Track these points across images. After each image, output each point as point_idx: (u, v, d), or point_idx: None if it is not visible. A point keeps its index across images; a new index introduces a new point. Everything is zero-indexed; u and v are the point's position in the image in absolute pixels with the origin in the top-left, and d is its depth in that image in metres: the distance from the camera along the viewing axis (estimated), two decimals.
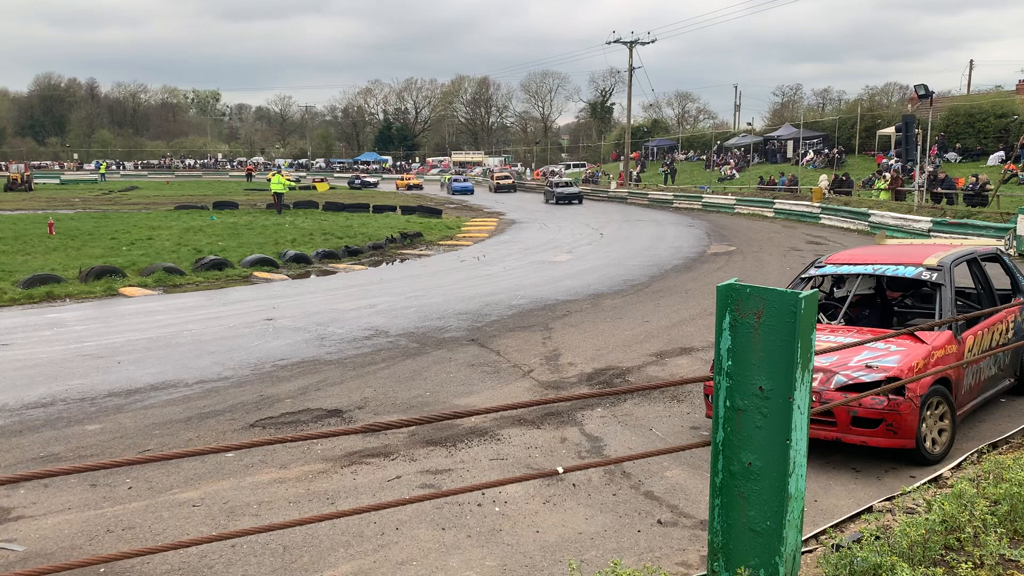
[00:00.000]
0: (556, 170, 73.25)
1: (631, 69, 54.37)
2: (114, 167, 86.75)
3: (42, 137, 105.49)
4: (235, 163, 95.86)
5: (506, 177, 64.54)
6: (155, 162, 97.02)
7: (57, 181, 67.65)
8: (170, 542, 2.51)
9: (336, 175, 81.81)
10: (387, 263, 20.93)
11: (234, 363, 10.03)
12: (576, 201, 46.96)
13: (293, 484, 6.20)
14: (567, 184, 50.29)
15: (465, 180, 61.15)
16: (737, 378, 2.99)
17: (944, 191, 28.66)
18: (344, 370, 9.66)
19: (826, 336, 7.09)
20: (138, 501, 5.92)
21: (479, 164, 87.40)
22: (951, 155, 36.66)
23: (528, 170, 79.90)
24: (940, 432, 6.52)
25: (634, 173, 57.95)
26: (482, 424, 7.56)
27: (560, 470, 2.79)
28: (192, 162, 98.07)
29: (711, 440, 3.10)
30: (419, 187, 64.31)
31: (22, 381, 9.22)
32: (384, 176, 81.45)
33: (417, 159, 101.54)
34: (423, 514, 5.57)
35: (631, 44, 53.47)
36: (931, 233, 22.58)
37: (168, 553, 5.00)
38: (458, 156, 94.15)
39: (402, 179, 67.52)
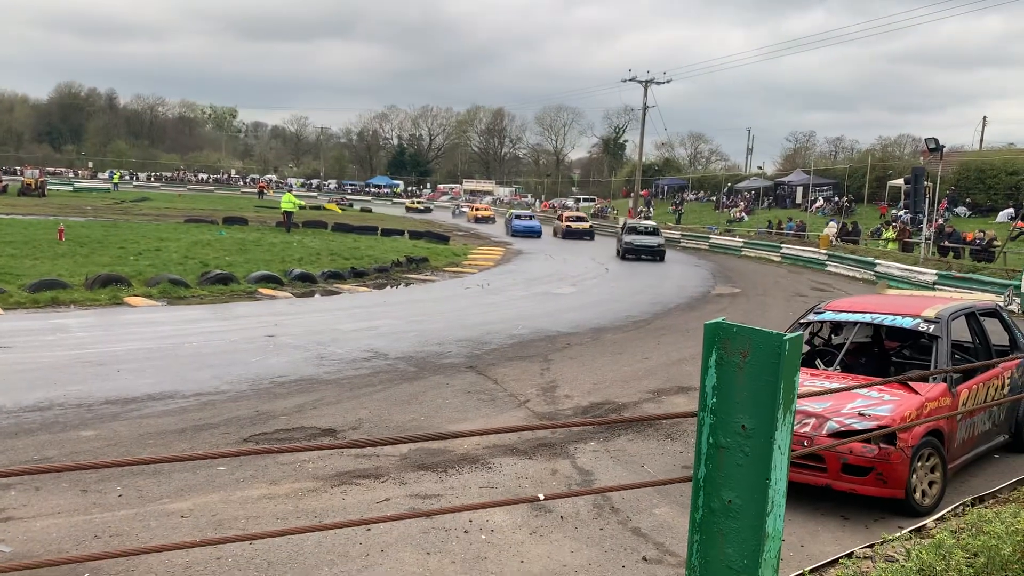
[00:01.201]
0: (568, 204, 73.57)
1: (645, 108, 54.91)
2: (128, 178, 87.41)
3: (59, 144, 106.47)
4: (247, 180, 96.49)
5: (580, 219, 47.98)
6: (168, 175, 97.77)
7: (70, 188, 68.16)
8: (154, 544, 2.54)
9: (356, 197, 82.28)
10: (391, 286, 21.03)
11: (232, 377, 10.08)
12: (659, 258, 33.32)
13: (282, 501, 6.22)
14: (648, 231, 34.94)
15: (531, 218, 47.28)
16: (721, 415, 3.03)
17: (951, 245, 28.75)
18: (341, 390, 9.70)
19: (821, 382, 7.12)
20: (127, 509, 5.94)
21: (489, 193, 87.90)
22: (961, 210, 36.79)
23: (537, 202, 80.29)
24: (931, 484, 6.53)
25: (643, 211, 58.17)
26: (474, 451, 7.58)
27: (541, 496, 2.83)
28: (205, 177, 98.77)
29: (693, 476, 3.14)
30: (491, 219, 56.56)
31: (21, 384, 9.28)
32: (395, 201, 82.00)
33: (428, 185, 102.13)
34: (408, 537, 5.59)
35: (646, 83, 54.06)
36: (936, 286, 22.61)
37: (153, 561, 5.02)
38: (469, 184, 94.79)
39: (472, 209, 61.55)
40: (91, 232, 28.57)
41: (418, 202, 75.78)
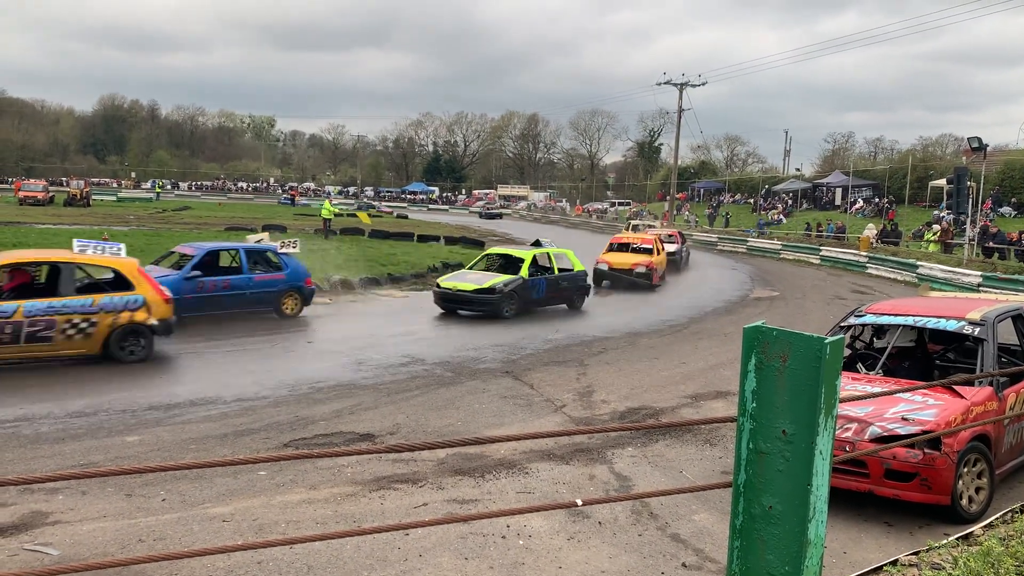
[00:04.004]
0: (603, 207, 73.36)
1: (680, 110, 54.48)
2: (169, 187, 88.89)
3: (102, 155, 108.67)
4: (286, 188, 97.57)
5: None
6: (208, 183, 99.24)
7: (114, 198, 69.46)
8: (197, 548, 2.58)
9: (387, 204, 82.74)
10: (428, 292, 21.10)
11: (272, 383, 10.19)
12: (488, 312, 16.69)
13: (322, 505, 6.28)
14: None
15: None
16: (761, 421, 3.00)
17: (996, 245, 28.14)
18: (378, 395, 9.76)
19: (863, 386, 7.01)
20: (171, 513, 6.04)
21: (524, 198, 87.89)
22: (1006, 209, 36.02)
23: (570, 206, 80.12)
24: (977, 490, 6.39)
25: (686, 213, 57.63)
26: (511, 457, 7.58)
27: (579, 502, 2.82)
28: (245, 185, 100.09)
29: (732, 482, 3.10)
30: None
31: (68, 390, 9.48)
32: (430, 207, 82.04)
33: (464, 191, 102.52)
34: (447, 542, 5.60)
35: (681, 86, 53.64)
36: (980, 288, 22.13)
37: (196, 565, 5.10)
38: (504, 190, 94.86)
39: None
40: (134, 241, 28.94)
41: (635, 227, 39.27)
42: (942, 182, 37.13)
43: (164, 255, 15.89)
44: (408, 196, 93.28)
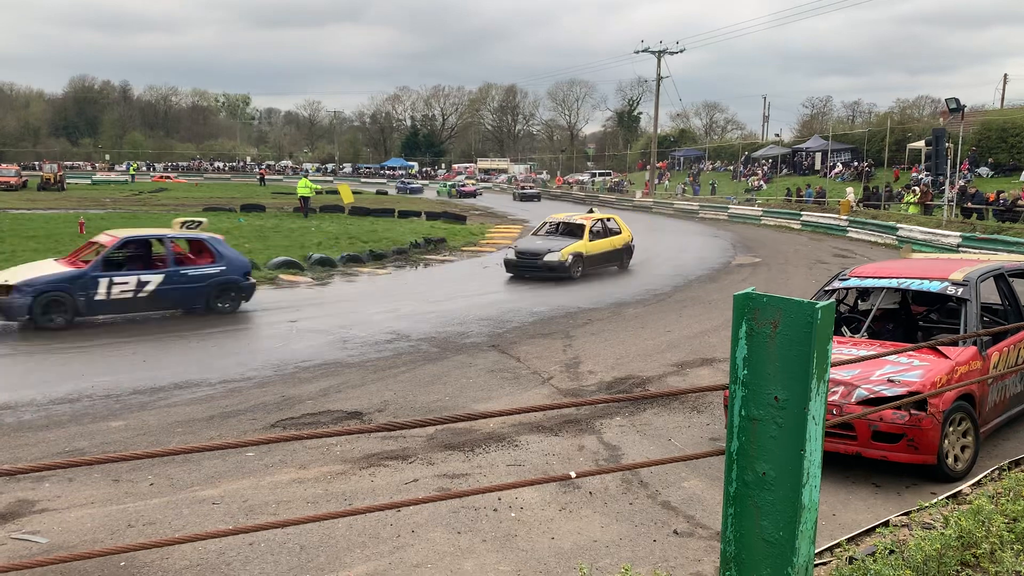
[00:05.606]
0: (582, 179, 73.15)
1: (659, 78, 54.27)
2: (144, 168, 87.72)
3: (75, 138, 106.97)
4: (262, 166, 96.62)
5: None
6: (184, 164, 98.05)
7: (89, 181, 68.46)
8: (188, 534, 2.55)
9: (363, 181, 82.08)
10: (411, 268, 21.03)
11: (257, 364, 10.13)
12: None
13: (312, 484, 6.26)
14: None
15: None
16: (752, 387, 2.99)
17: (974, 206, 28.32)
18: (365, 373, 9.72)
19: (849, 349, 7.04)
20: (159, 497, 6.00)
21: (504, 171, 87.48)
22: (983, 170, 36.22)
23: (551, 178, 79.85)
24: (963, 449, 6.46)
25: (666, 183, 57.49)
26: (500, 430, 7.58)
27: (573, 475, 2.80)
28: (221, 165, 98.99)
29: (725, 449, 3.10)
30: None
31: (49, 377, 9.37)
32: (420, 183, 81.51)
33: (443, 165, 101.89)
34: (439, 517, 5.60)
35: (659, 54, 53.40)
36: (960, 248, 22.31)
37: (187, 549, 5.07)
38: (484, 163, 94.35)
39: None
40: (110, 224, 28.62)
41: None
42: (920, 144, 37.24)
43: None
44: (387, 172, 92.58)
